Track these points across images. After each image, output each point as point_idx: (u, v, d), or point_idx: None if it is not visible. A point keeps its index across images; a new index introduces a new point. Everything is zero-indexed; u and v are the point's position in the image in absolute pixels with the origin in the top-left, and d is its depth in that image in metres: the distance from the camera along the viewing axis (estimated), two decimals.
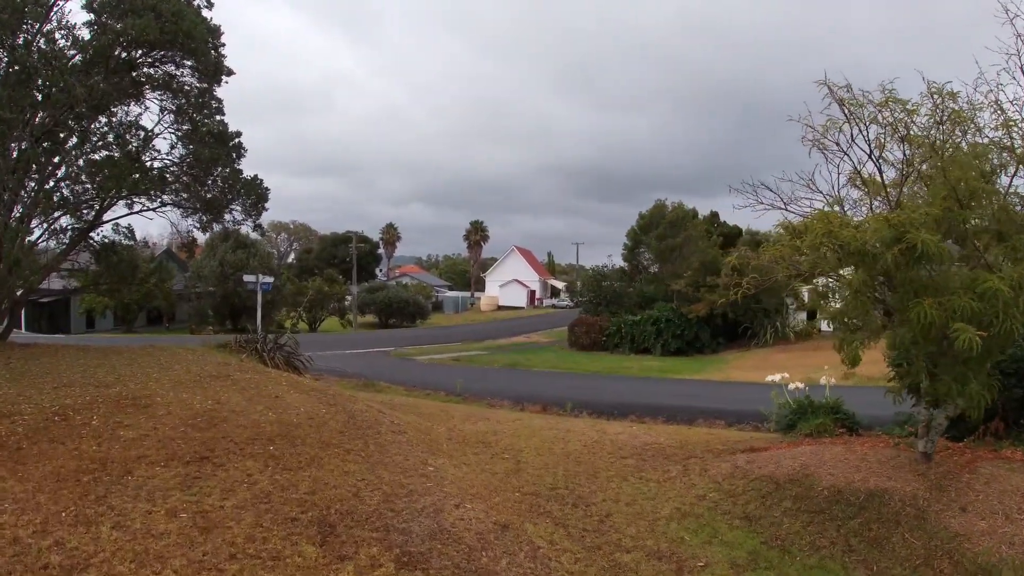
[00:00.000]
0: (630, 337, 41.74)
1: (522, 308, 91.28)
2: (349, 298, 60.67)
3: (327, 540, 7.13)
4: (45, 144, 16.40)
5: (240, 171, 19.91)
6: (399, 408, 14.73)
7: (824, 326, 42.57)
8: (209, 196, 19.80)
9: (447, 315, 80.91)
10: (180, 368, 12.34)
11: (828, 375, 15.59)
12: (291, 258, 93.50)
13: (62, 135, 17.17)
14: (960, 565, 8.33)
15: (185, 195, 19.44)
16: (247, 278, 27.02)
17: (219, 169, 19.48)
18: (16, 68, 15.22)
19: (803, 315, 42.96)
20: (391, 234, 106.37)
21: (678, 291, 42.37)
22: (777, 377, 15.31)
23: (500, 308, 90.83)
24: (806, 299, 42.88)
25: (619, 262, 51.92)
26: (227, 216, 20.66)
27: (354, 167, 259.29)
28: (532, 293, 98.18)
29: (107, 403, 9.78)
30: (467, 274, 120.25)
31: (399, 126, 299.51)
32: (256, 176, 20.22)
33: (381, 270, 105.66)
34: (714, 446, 13.17)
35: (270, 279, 27.76)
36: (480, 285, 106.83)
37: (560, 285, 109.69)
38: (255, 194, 20.37)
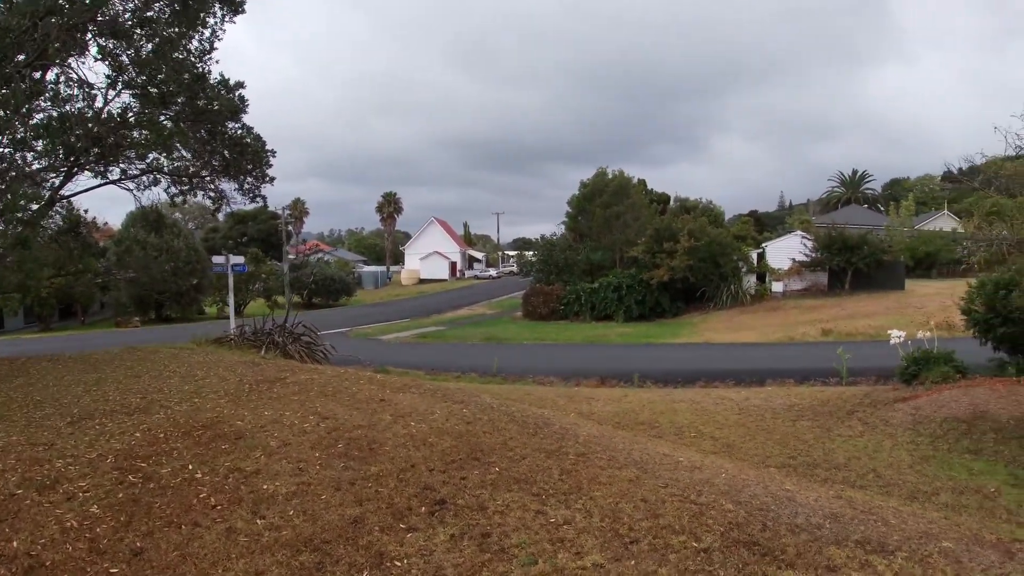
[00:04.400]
0: (590, 305, 41.31)
1: (445, 280, 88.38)
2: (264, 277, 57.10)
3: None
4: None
5: (251, 128, 17.32)
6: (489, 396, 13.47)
7: (775, 288, 43.64)
8: (213, 163, 17.36)
9: (369, 291, 77.56)
10: (207, 374, 10.34)
11: (929, 330, 16.17)
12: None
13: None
14: None
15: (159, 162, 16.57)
16: (216, 259, 24.69)
17: (228, 126, 16.79)
18: None
19: (753, 278, 43.70)
20: (299, 209, 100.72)
21: (634, 257, 42.36)
22: (901, 334, 15.62)
23: (422, 281, 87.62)
24: (755, 263, 44.12)
25: (549, 231, 51.72)
26: (218, 185, 17.94)
27: None
28: (454, 265, 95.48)
29: (177, 439, 7.31)
30: (377, 247, 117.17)
31: (295, 101, 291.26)
32: (259, 136, 17.53)
33: (290, 247, 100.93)
34: (855, 402, 13.30)
35: (241, 259, 25.63)
36: (395, 258, 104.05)
37: (479, 256, 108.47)
38: (258, 159, 17.65)
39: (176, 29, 15.22)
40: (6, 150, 13.84)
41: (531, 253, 57.14)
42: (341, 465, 6.77)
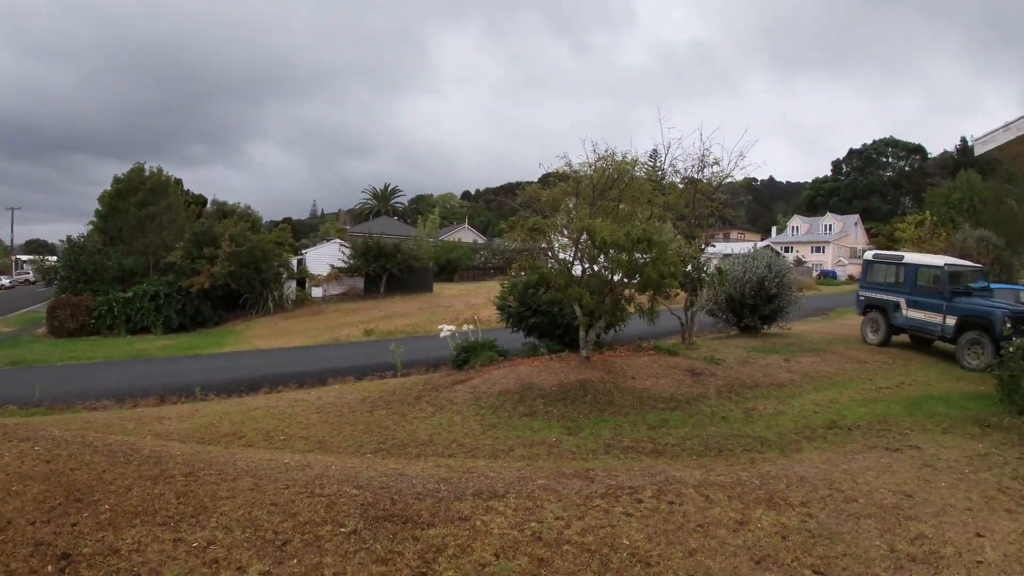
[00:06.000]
0: (125, 316, 38.05)
1: None
2: None
3: None
4: None
5: None
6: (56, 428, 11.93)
7: (315, 293, 44.94)
8: None
9: None
10: None
11: (473, 324, 18.76)
12: None
13: None
14: (648, 402, 13.14)
15: None
16: None
17: None
18: None
19: (294, 284, 44.45)
20: None
21: (172, 263, 40.34)
22: (451, 327, 17.60)
23: None
24: (295, 269, 44.96)
25: (74, 232, 46.94)
26: None
27: None
28: None
29: None
30: None
31: None
32: None
33: None
34: (419, 389, 14.55)
35: None
36: None
37: None
38: None
39: None
40: None
41: (54, 258, 50.70)
42: None
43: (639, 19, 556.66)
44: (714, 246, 25.62)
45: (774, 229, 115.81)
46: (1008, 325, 15.39)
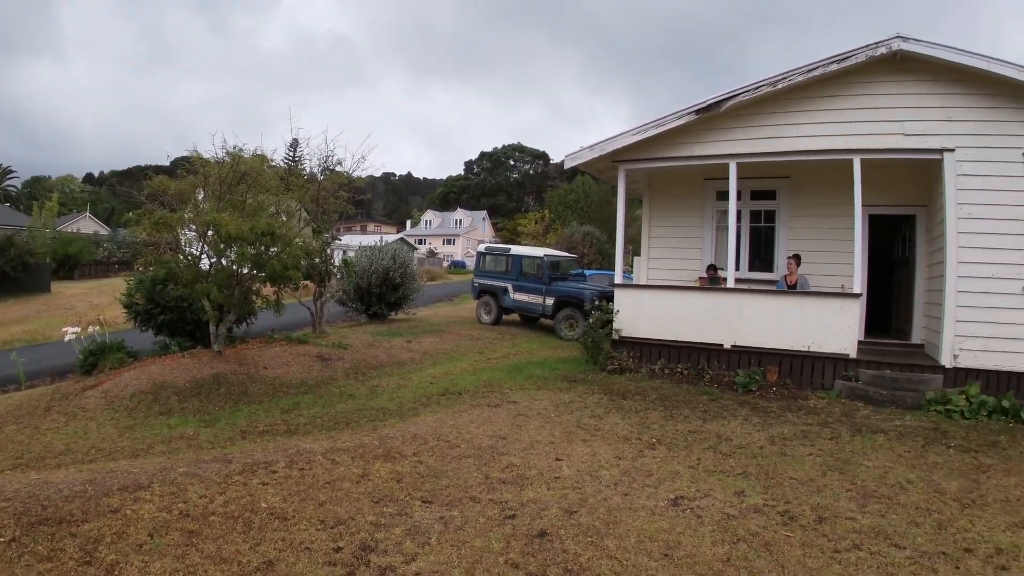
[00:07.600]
0: None
1: None
2: None
3: None
4: None
5: None
6: None
7: None
8: None
9: None
10: None
11: (100, 326, 18.68)
12: None
13: None
14: (281, 389, 14.41)
15: None
16: None
17: None
18: None
19: None
20: None
21: None
22: (76, 329, 17.22)
23: None
24: None
25: None
26: None
27: None
28: None
29: None
30: None
31: None
32: None
33: None
34: (47, 399, 14.03)
35: None
36: None
37: None
38: None
39: None
40: None
41: None
42: None
43: (281, 3, 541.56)
44: (340, 239, 27.03)
45: (409, 222, 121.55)
46: (596, 302, 18.51)
